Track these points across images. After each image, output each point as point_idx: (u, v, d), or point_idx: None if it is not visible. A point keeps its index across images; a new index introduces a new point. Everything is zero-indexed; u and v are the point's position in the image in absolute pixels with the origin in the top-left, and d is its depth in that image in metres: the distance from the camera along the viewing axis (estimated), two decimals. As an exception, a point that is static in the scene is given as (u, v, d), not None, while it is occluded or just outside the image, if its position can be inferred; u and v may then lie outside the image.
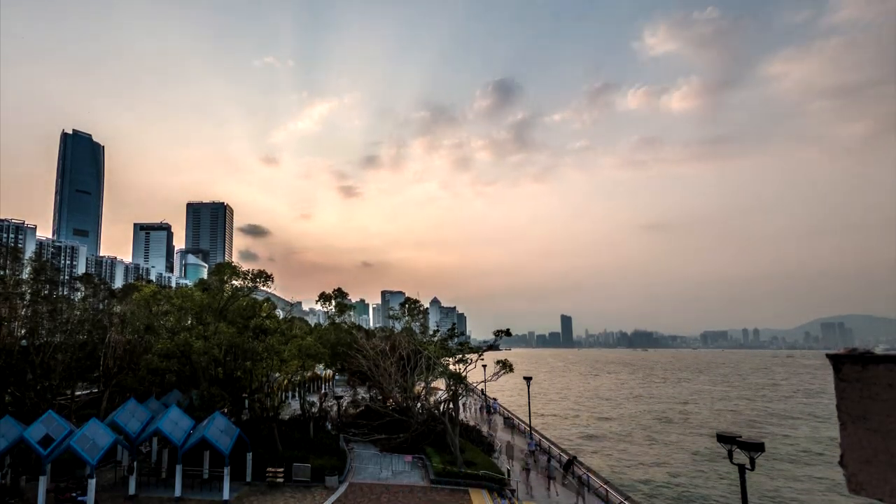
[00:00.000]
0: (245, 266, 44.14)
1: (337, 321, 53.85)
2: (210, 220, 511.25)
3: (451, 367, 41.64)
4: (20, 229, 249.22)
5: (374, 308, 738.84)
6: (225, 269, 42.87)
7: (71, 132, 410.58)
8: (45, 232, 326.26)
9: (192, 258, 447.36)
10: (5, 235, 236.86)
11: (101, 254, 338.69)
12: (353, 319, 72.48)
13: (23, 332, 38.21)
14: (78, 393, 42.93)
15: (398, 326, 57.38)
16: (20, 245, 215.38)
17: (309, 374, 54.15)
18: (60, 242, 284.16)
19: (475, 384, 44.77)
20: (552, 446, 43.82)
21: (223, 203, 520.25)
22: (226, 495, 28.10)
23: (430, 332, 58.08)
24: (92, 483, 25.65)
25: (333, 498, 28.92)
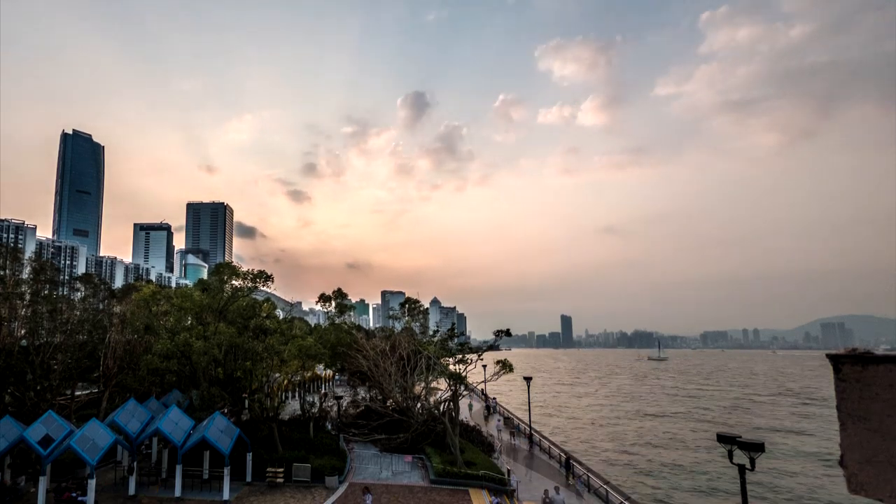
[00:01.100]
0: (244, 266, 44.18)
1: (337, 321, 53.85)
2: (210, 220, 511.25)
3: (451, 367, 41.64)
4: (20, 229, 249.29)
5: (374, 308, 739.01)
6: (225, 270, 42.89)
7: (71, 132, 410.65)
8: (45, 232, 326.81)
9: (192, 258, 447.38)
10: (5, 235, 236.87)
11: (101, 254, 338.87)
12: (353, 320, 72.50)
13: (23, 332, 38.22)
14: (78, 393, 42.95)
15: (398, 326, 57.38)
16: (20, 245, 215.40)
17: (309, 374, 54.17)
18: (60, 242, 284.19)
19: (475, 384, 44.78)
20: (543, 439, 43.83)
21: (223, 203, 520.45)
22: (226, 495, 28.10)
23: (430, 333, 58.09)
24: (92, 483, 25.65)
25: (333, 498, 28.92)
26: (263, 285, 43.00)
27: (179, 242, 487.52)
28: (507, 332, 42.28)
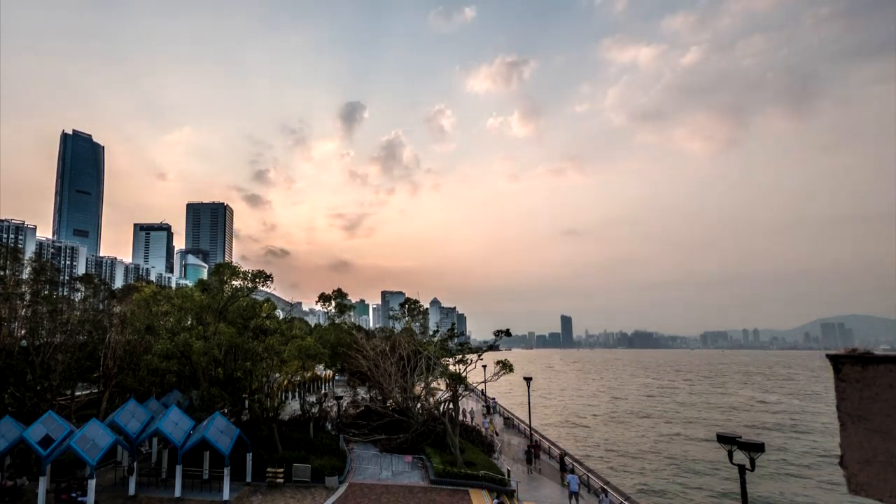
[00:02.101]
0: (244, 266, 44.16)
1: (337, 321, 53.84)
2: (210, 220, 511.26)
3: (451, 367, 41.63)
4: (20, 229, 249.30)
5: (374, 308, 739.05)
6: (225, 270, 42.87)
7: (71, 132, 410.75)
8: (45, 232, 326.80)
9: (192, 258, 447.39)
10: (5, 235, 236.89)
11: (101, 254, 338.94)
12: (353, 320, 72.48)
13: (23, 332, 38.21)
14: (78, 393, 42.93)
15: (398, 327, 57.37)
16: (20, 245, 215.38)
17: (309, 374, 54.11)
18: (60, 243, 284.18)
19: (475, 384, 44.76)
20: (547, 441, 43.81)
21: (223, 203, 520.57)
22: (226, 496, 28.09)
23: (430, 333, 58.08)
24: (92, 483, 25.65)
25: (333, 498, 28.91)
26: (263, 285, 43.00)
27: (179, 243, 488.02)
28: (507, 333, 42.27)
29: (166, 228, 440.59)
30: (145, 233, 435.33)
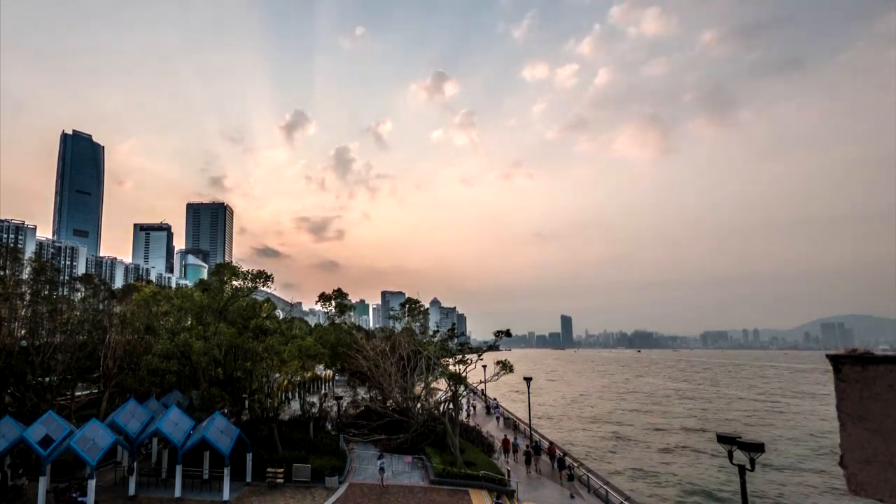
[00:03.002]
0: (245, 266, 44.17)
1: (337, 321, 53.85)
2: (210, 220, 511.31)
3: (451, 367, 41.64)
4: (20, 229, 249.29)
5: (374, 308, 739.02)
6: (225, 270, 42.87)
7: (71, 132, 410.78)
8: (45, 232, 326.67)
9: (192, 258, 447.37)
10: (5, 235, 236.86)
11: (101, 254, 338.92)
12: (353, 320, 72.45)
13: (23, 332, 38.22)
14: (78, 393, 42.93)
15: (398, 327, 57.37)
16: (20, 245, 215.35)
17: (309, 374, 54.13)
18: (60, 243, 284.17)
19: (475, 385, 44.76)
20: (548, 442, 43.80)
21: (223, 203, 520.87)
22: (226, 496, 28.09)
23: (431, 333, 58.08)
24: (92, 483, 25.64)
25: (333, 498, 28.91)
26: (263, 285, 43.00)
27: (179, 243, 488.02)
28: (507, 333, 42.29)
29: (166, 228, 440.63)
30: (145, 233, 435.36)
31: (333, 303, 51.33)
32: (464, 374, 38.71)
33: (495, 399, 68.68)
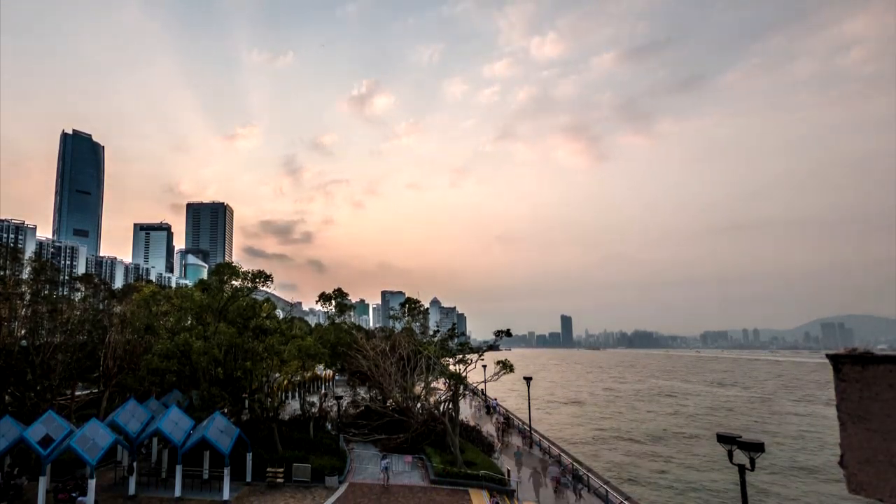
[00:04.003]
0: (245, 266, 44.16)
1: (337, 321, 53.86)
2: (210, 220, 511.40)
3: (451, 367, 41.65)
4: (20, 229, 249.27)
5: (374, 308, 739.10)
6: (225, 270, 42.86)
7: (71, 132, 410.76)
8: (45, 232, 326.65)
9: (192, 258, 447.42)
10: (5, 235, 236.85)
11: (101, 254, 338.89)
12: (353, 320, 72.48)
13: (23, 332, 38.22)
14: (78, 393, 42.94)
15: (398, 326, 57.39)
16: (20, 245, 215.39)
17: (309, 374, 54.14)
18: (60, 242, 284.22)
19: (475, 384, 44.73)
20: (552, 446, 43.82)
21: (223, 203, 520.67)
22: (226, 495, 28.10)
23: (431, 333, 58.09)
24: (92, 483, 25.65)
25: (333, 498, 28.92)
26: (263, 285, 43.00)
27: (179, 242, 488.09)
28: (508, 333, 42.29)
29: (166, 228, 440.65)
30: (145, 232, 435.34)
31: (333, 302, 51.34)
32: (464, 374, 38.73)
33: (495, 399, 68.71)
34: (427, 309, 59.38)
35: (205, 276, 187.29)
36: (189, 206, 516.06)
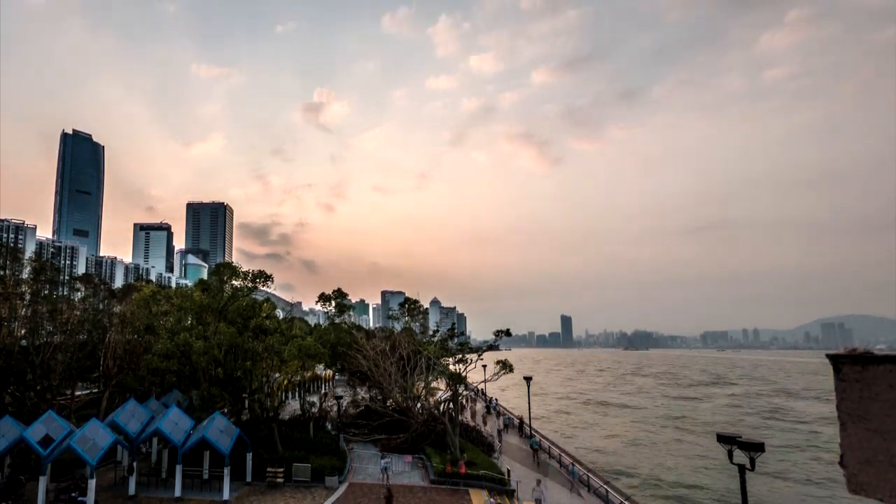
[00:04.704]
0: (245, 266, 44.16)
1: (337, 321, 53.85)
2: (210, 220, 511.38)
3: (451, 367, 41.63)
4: (20, 229, 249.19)
5: (374, 308, 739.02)
6: (225, 270, 42.86)
7: (71, 132, 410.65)
8: (45, 232, 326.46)
9: (192, 258, 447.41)
10: (5, 235, 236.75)
11: (101, 254, 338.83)
12: (352, 319, 72.48)
13: (23, 332, 38.20)
14: (78, 393, 42.93)
15: (398, 326, 57.38)
16: (20, 245, 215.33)
17: (309, 374, 54.13)
18: (60, 242, 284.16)
19: (475, 384, 44.72)
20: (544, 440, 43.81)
21: (223, 203, 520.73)
22: (226, 495, 28.10)
23: (430, 333, 58.08)
24: (92, 483, 25.65)
25: (333, 498, 28.92)
26: (263, 285, 43.00)
27: (179, 242, 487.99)
28: (507, 332, 42.29)
29: (166, 228, 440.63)
30: (145, 232, 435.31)
31: (333, 302, 51.33)
32: (464, 374, 38.71)
33: (495, 399, 68.71)
34: (427, 309, 59.37)
35: (205, 276, 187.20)
36: (189, 205, 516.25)
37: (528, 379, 47.12)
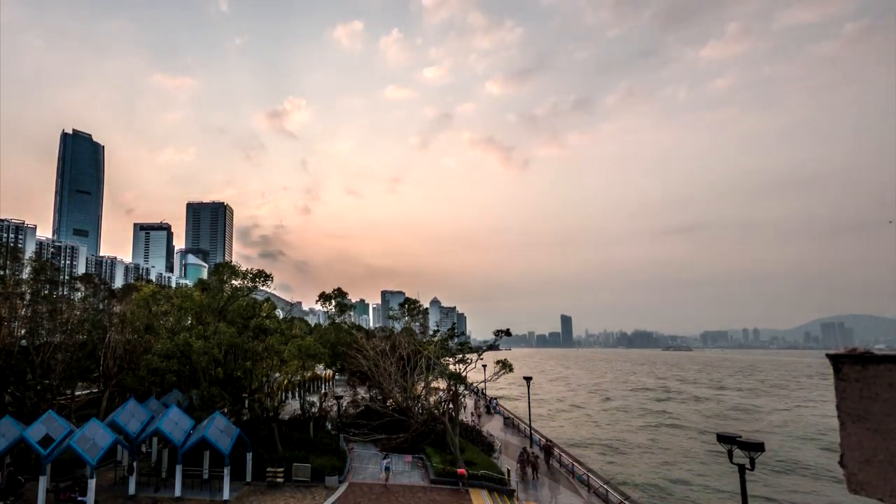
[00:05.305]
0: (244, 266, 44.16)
1: (337, 321, 53.87)
2: (210, 220, 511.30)
3: (451, 367, 41.64)
4: (20, 229, 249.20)
5: (374, 308, 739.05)
6: (224, 269, 42.86)
7: (71, 132, 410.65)
8: (45, 232, 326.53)
9: (192, 258, 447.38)
10: (5, 235, 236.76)
11: (101, 254, 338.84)
12: (352, 319, 72.49)
13: (23, 332, 38.23)
14: (78, 393, 42.94)
15: (398, 326, 57.39)
16: (20, 245, 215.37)
17: (309, 374, 54.17)
18: (60, 242, 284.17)
19: (475, 384, 44.71)
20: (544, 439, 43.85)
21: (223, 203, 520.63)
22: (226, 495, 28.10)
23: (430, 333, 58.09)
24: (92, 483, 25.65)
25: (333, 498, 28.92)
26: (263, 285, 43.00)
27: (179, 242, 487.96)
28: (507, 332, 42.28)
29: (166, 228, 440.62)
30: (145, 232, 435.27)
31: (333, 302, 51.34)
32: (464, 374, 38.71)
33: (495, 399, 68.71)
34: (427, 309, 59.39)
35: (205, 275, 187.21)
36: (189, 205, 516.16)
37: (527, 379, 47.12)
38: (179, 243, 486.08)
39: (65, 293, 53.65)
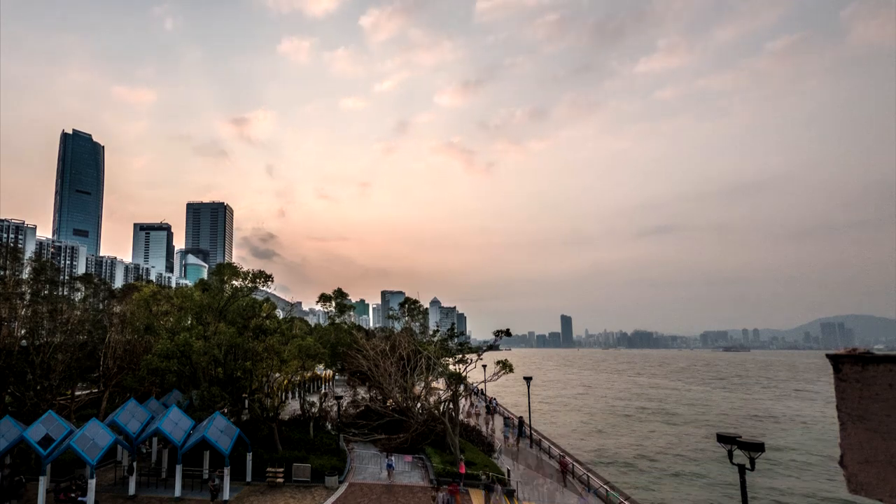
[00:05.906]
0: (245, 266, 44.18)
1: (337, 321, 53.88)
2: (210, 220, 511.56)
3: (451, 367, 41.64)
4: (20, 229, 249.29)
5: (374, 308, 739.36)
6: (225, 270, 42.89)
7: (71, 132, 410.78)
8: (45, 232, 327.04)
9: (192, 258, 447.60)
10: (5, 235, 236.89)
11: (101, 254, 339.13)
12: (353, 320, 72.50)
13: (23, 332, 38.21)
14: (78, 393, 42.94)
15: (398, 326, 57.40)
16: (20, 245, 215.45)
17: (309, 374, 54.15)
18: (60, 242, 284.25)
19: (475, 384, 44.72)
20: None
21: (223, 203, 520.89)
22: (226, 495, 28.09)
23: (430, 333, 58.09)
24: (92, 483, 25.65)
25: (333, 498, 28.92)
26: (263, 285, 43.01)
27: (179, 243, 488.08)
28: (507, 332, 42.27)
29: (166, 228, 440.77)
30: (145, 232, 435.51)
31: (333, 302, 51.36)
32: (464, 374, 38.71)
33: (494, 399, 68.70)
34: (427, 309, 59.41)
35: (205, 276, 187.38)
36: (189, 205, 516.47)
37: (528, 379, 47.13)
38: (179, 243, 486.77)
39: (65, 293, 53.69)
